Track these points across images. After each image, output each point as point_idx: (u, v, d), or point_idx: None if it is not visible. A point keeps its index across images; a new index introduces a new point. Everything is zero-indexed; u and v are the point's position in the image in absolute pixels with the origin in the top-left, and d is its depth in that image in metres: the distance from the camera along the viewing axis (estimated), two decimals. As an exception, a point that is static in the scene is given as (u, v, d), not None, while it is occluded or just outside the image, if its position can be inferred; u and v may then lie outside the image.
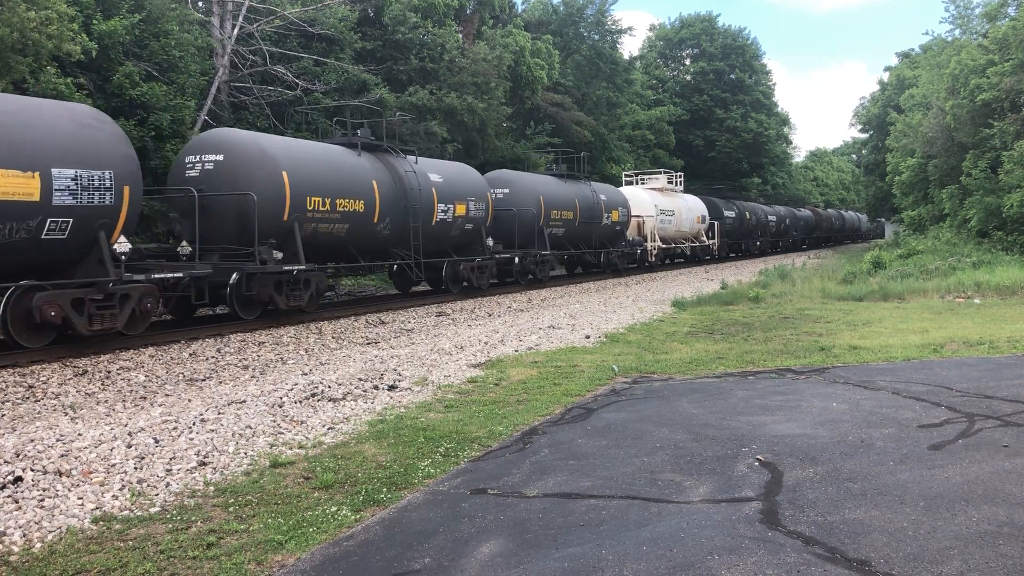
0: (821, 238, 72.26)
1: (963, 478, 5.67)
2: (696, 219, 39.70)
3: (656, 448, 6.63)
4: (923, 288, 19.18)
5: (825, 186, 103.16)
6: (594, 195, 29.38)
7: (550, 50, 41.23)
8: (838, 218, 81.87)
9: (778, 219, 56.11)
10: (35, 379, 10.11)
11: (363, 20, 30.42)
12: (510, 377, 9.96)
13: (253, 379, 10.30)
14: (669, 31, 67.15)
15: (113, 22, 19.61)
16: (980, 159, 29.28)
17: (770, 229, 54.23)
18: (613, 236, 31.28)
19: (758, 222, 51.01)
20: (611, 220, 30.67)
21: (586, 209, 28.55)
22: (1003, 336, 12.16)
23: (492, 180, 25.24)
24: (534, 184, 26.49)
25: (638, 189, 36.92)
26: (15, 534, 4.95)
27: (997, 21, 32.76)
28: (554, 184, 27.79)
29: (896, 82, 53.61)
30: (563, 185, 28.34)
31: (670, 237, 37.22)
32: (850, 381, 9.25)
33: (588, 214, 28.63)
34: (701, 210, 40.63)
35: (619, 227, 31.50)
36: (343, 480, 5.96)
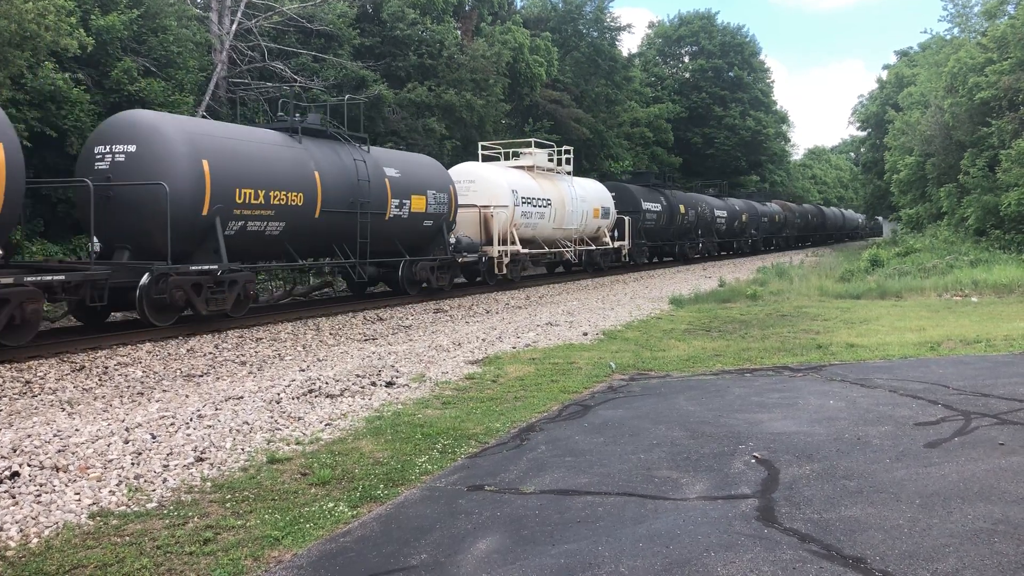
0: (794, 238, 63.47)
1: (959, 476, 5.68)
2: (593, 213, 29.60)
3: (653, 445, 6.64)
4: (921, 286, 19.20)
5: (823, 184, 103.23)
6: (364, 167, 17.89)
7: (549, 47, 41.21)
8: (816, 214, 71.49)
9: (730, 215, 46.98)
10: (32, 374, 10.11)
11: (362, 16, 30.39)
12: (507, 374, 9.96)
13: (250, 375, 10.30)
14: (668, 28, 67.10)
15: (111, 17, 19.58)
16: (978, 157, 29.30)
17: (718, 227, 44.86)
18: (415, 236, 20.01)
19: (699, 218, 41.32)
20: (407, 211, 19.30)
21: (348, 189, 17.40)
22: (1000, 334, 12.18)
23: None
24: None
25: (490, 167, 25.40)
26: (12, 529, 4.95)
27: (996, 19, 32.77)
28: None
29: (895, 80, 53.63)
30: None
31: (545, 238, 26.74)
32: (847, 379, 9.26)
33: (352, 196, 17.43)
34: (601, 201, 30.42)
35: (429, 222, 20.18)
36: (340, 476, 5.97)
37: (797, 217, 63.35)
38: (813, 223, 69.38)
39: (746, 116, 62.69)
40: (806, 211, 67.89)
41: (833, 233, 79.03)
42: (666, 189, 38.81)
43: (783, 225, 59.07)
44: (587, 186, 30.39)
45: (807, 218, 67.51)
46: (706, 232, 43.25)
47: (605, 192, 31.45)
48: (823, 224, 73.54)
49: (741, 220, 48.94)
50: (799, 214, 64.52)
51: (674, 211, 38.21)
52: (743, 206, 49.70)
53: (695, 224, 41.28)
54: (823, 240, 74.35)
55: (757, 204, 53.24)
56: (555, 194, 27.04)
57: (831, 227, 77.73)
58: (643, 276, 30.65)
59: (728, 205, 47.20)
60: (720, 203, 46.15)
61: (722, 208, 45.87)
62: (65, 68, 18.36)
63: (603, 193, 31.21)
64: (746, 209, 50.02)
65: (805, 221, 66.50)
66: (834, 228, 79.44)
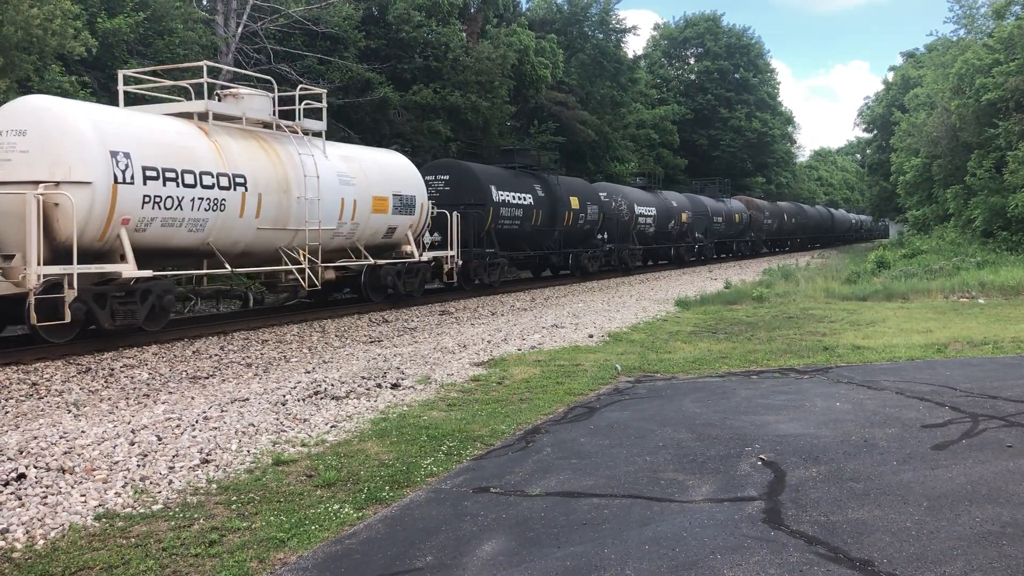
0: (763, 243, 52.63)
1: (967, 478, 5.65)
2: (375, 205, 17.74)
3: (659, 447, 6.62)
4: (927, 288, 19.14)
5: (830, 186, 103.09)
6: None
7: (554, 49, 41.19)
8: (795, 213, 58.25)
9: (662, 214, 35.29)
10: (38, 376, 10.13)
11: (367, 19, 30.42)
12: (513, 376, 9.95)
13: (256, 377, 10.30)
14: (673, 30, 67.07)
15: (118, 20, 19.64)
16: (985, 159, 29.21)
17: (641, 230, 33.50)
18: None
19: (604, 218, 29.87)
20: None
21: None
22: (1007, 336, 12.14)
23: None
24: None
25: (67, 105, 12.74)
26: (18, 531, 4.96)
27: (1003, 20, 32.68)
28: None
29: (901, 82, 53.49)
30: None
31: (232, 245, 14.56)
32: (854, 381, 9.23)
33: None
34: (397, 184, 18.64)
35: None
36: (345, 478, 5.96)
37: (768, 217, 51.74)
38: (791, 225, 57.38)
39: (752, 118, 62.64)
40: (781, 210, 55.85)
41: (820, 236, 68.77)
42: (547, 173, 27.33)
43: (746, 227, 47.87)
44: (361, 160, 17.84)
45: (783, 219, 55.12)
46: (617, 236, 31.34)
47: (406, 171, 19.23)
48: (804, 225, 61.42)
49: (680, 221, 37.26)
50: (772, 213, 52.93)
51: (557, 205, 26.28)
52: (683, 203, 38.57)
53: (597, 225, 29.38)
54: (806, 244, 64.31)
55: (710, 200, 43.12)
56: (270, 168, 15.01)
57: (817, 228, 66.68)
58: (647, 279, 30.60)
59: (661, 201, 35.97)
60: (648, 198, 35.02)
61: (649, 204, 34.34)
62: (72, 71, 18.41)
63: (403, 173, 19.02)
64: (687, 207, 38.77)
65: (780, 223, 54.39)
66: (821, 230, 68.27)
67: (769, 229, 52.42)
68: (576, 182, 29.76)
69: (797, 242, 61.88)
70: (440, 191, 22.47)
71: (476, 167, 23.88)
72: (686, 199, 39.78)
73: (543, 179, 26.63)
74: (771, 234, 53.68)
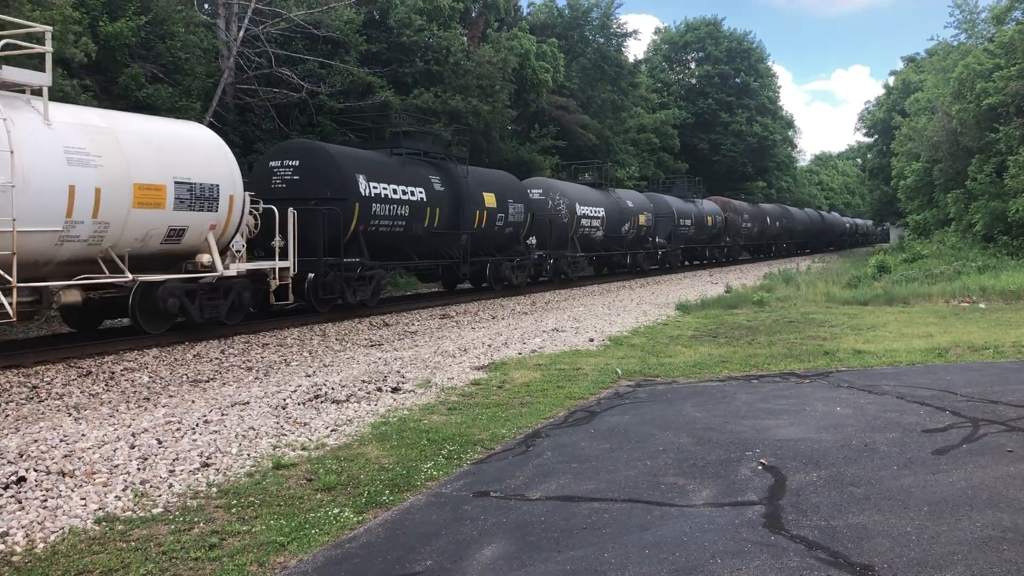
0: (740, 248, 47.91)
1: (967, 483, 5.65)
2: (141, 196, 12.27)
3: (659, 451, 6.62)
4: (928, 292, 19.13)
5: (830, 190, 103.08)
6: None
7: (555, 53, 41.23)
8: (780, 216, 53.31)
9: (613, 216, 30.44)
10: (39, 379, 10.13)
11: (368, 23, 30.47)
12: (513, 380, 9.95)
13: (257, 380, 10.30)
14: (674, 35, 67.14)
15: (119, 23, 19.66)
16: (986, 163, 29.23)
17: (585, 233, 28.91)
18: None
19: (533, 220, 25.36)
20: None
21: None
22: (1008, 341, 12.13)
23: None
24: None
25: None
26: (18, 534, 4.96)
27: (1003, 25, 32.71)
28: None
29: (902, 86, 53.52)
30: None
31: None
32: (854, 385, 9.23)
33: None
34: (188, 160, 13.30)
35: None
36: (346, 482, 5.96)
37: (747, 220, 46.98)
38: (775, 229, 52.70)
39: (753, 122, 62.65)
40: (764, 212, 51.02)
41: (809, 241, 64.40)
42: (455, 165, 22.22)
43: (720, 231, 43.65)
44: (119, 131, 12.33)
45: (765, 222, 50.33)
46: (552, 241, 26.26)
47: (207, 150, 13.88)
48: (790, 229, 56.59)
49: (636, 223, 31.59)
50: (752, 216, 48.34)
51: (464, 202, 21.62)
52: (641, 204, 33.21)
53: (523, 228, 24.80)
54: (793, 250, 59.62)
55: (676, 201, 38.45)
56: None
57: (806, 232, 62.02)
58: (648, 283, 30.59)
59: (612, 201, 30.91)
60: (596, 197, 29.96)
61: (595, 204, 29.31)
62: (73, 75, 18.42)
63: (199, 153, 13.65)
64: (646, 208, 33.60)
65: (761, 226, 49.45)
66: (810, 234, 63.85)
67: (748, 233, 47.86)
68: (496, 175, 24.67)
69: (783, 247, 57.80)
70: (287, 180, 17.61)
71: (336, 150, 18.61)
72: (646, 199, 34.36)
73: (445, 169, 21.54)
74: (751, 239, 49.24)
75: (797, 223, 58.57)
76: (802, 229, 60.30)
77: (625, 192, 33.90)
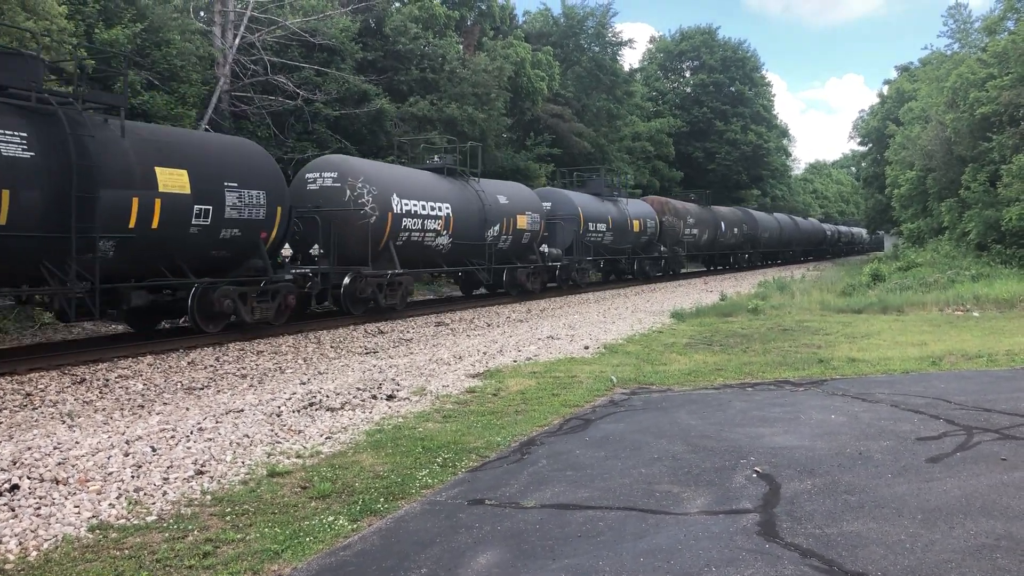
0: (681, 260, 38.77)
1: (961, 491, 5.66)
2: None
3: (654, 459, 6.62)
4: (922, 301, 19.19)
5: (825, 198, 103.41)
6: None
7: (550, 61, 41.35)
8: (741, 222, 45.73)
9: (458, 218, 21.15)
10: (33, 387, 10.10)
11: (364, 31, 30.53)
12: (508, 387, 9.95)
13: (251, 388, 10.28)
14: (669, 43, 67.40)
15: (115, 31, 19.68)
16: (979, 172, 29.34)
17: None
18: None
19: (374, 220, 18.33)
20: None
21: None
22: (1002, 349, 12.16)
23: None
24: None
25: None
26: (11, 542, 4.94)
27: (996, 35, 32.88)
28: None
29: (896, 95, 53.77)
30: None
31: None
32: (848, 393, 9.24)
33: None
34: None
35: None
36: (340, 490, 5.95)
37: (693, 226, 38.35)
38: (733, 237, 44.26)
39: (747, 130, 62.85)
40: (717, 217, 42.13)
41: (780, 251, 56.55)
42: None
43: (652, 239, 34.65)
44: None
45: (718, 228, 41.78)
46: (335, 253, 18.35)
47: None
48: (753, 237, 48.16)
49: (512, 229, 24.04)
50: (701, 221, 39.52)
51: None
52: (522, 202, 25.01)
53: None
54: (756, 261, 51.45)
55: (587, 199, 29.71)
56: None
57: (774, 241, 53.47)
58: (643, 291, 30.61)
59: (465, 196, 22.10)
60: (442, 190, 21.51)
61: (436, 199, 20.65)
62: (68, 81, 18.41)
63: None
64: (529, 207, 25.08)
65: (713, 234, 41.02)
66: (781, 242, 55.14)
67: (694, 242, 39.00)
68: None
69: (744, 258, 49.40)
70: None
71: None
72: (532, 197, 26.02)
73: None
74: (698, 248, 40.51)
75: (762, 229, 50.05)
76: (770, 238, 52.25)
77: (495, 183, 24.82)
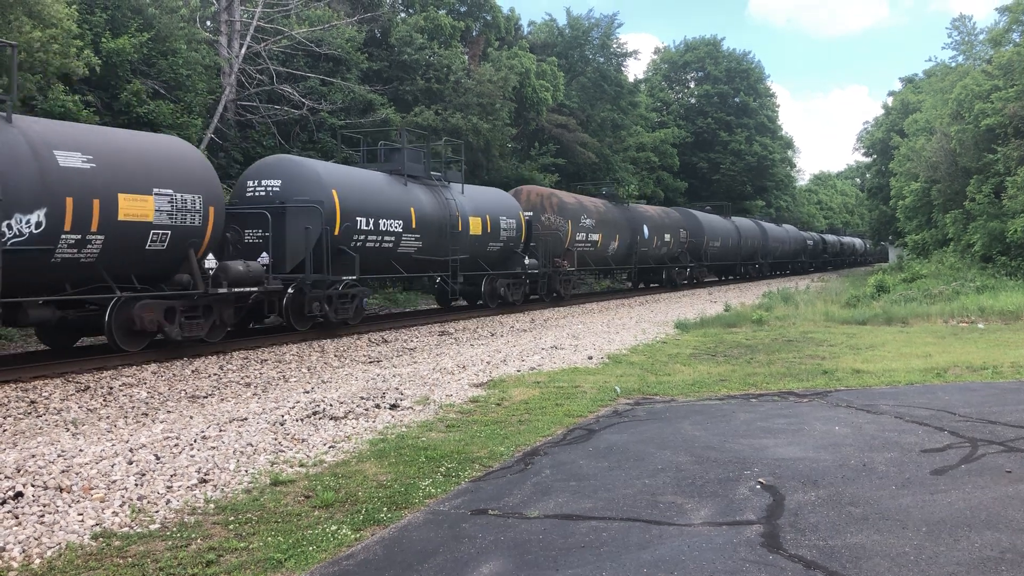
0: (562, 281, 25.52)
1: (966, 503, 5.64)
2: None
3: (658, 470, 6.61)
4: (927, 312, 19.15)
5: (829, 209, 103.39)
6: None
7: (555, 72, 41.45)
8: (677, 225, 36.40)
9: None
10: (37, 394, 10.12)
11: (370, 41, 30.65)
12: (512, 397, 9.94)
13: (255, 396, 10.29)
14: (674, 54, 67.51)
15: (122, 40, 19.78)
16: (984, 184, 29.32)
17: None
18: None
19: None
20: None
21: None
22: (1007, 361, 12.13)
23: None
24: None
25: None
26: (14, 549, 4.94)
27: (1001, 47, 32.90)
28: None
29: (900, 107, 53.74)
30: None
31: None
32: (853, 405, 9.22)
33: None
34: None
35: None
36: (343, 499, 5.95)
37: (593, 229, 28.60)
38: (657, 247, 34.26)
39: (752, 141, 62.87)
40: (635, 218, 32.56)
41: (741, 262, 46.84)
42: None
43: (512, 245, 24.12)
44: None
45: (640, 234, 32.42)
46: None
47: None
48: (696, 246, 38.42)
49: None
50: (602, 223, 29.37)
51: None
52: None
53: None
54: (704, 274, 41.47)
55: (410, 189, 20.40)
56: None
57: (730, 251, 43.32)
58: (647, 301, 30.60)
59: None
60: None
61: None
62: (75, 90, 18.51)
63: None
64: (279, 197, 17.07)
65: (630, 240, 31.70)
66: (741, 253, 45.03)
67: (597, 253, 29.67)
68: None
69: (684, 272, 38.98)
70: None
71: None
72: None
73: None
74: (601, 261, 30.70)
75: (707, 233, 39.57)
76: (720, 246, 41.48)
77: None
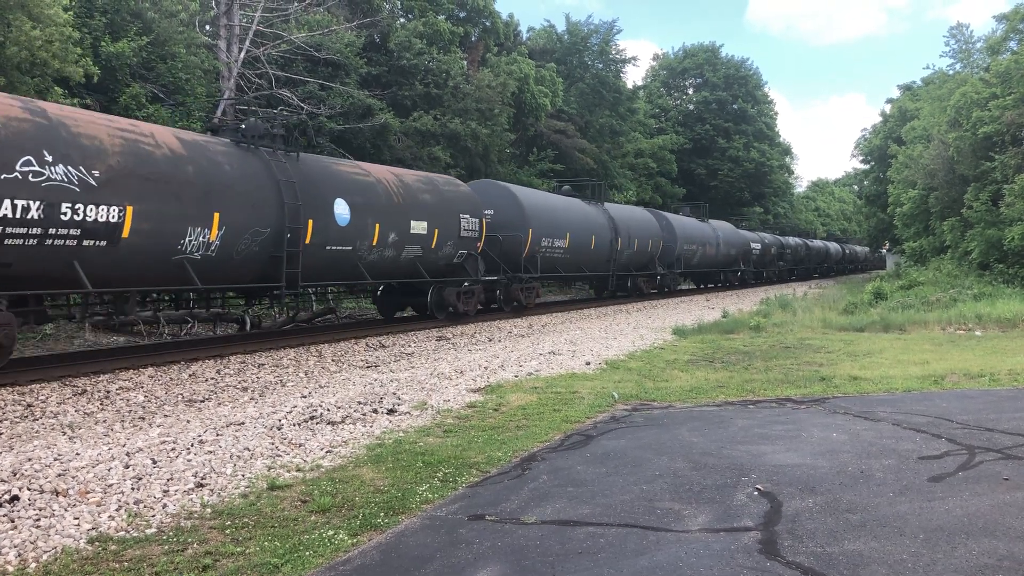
0: None
1: (963, 511, 5.64)
2: None
3: (655, 476, 6.60)
4: (924, 319, 19.15)
5: (827, 216, 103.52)
6: None
7: (554, 78, 41.53)
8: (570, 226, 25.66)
9: None
10: (33, 398, 10.09)
11: (369, 46, 30.69)
12: (510, 402, 9.93)
13: (252, 401, 10.28)
14: (672, 61, 67.69)
15: (121, 44, 19.79)
16: (981, 192, 29.37)
17: None
18: None
19: None
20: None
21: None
22: (1004, 368, 12.14)
23: None
24: None
25: None
26: (10, 553, 4.93)
27: (999, 55, 33.00)
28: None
29: (898, 114, 53.84)
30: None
31: None
32: (850, 411, 9.22)
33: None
34: None
35: None
36: (340, 504, 5.94)
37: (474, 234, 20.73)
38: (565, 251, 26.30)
39: (750, 148, 63.01)
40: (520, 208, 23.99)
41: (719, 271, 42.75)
42: None
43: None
44: None
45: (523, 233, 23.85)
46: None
47: None
48: (625, 260, 31.29)
49: None
50: None
51: None
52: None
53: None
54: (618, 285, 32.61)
55: None
56: None
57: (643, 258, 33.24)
58: (645, 307, 30.61)
59: None
60: None
61: None
62: (74, 94, 18.52)
63: None
64: None
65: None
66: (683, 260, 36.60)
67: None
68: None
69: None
70: None
71: None
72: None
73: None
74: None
75: (636, 234, 32.21)
76: (651, 251, 33.86)
77: None
